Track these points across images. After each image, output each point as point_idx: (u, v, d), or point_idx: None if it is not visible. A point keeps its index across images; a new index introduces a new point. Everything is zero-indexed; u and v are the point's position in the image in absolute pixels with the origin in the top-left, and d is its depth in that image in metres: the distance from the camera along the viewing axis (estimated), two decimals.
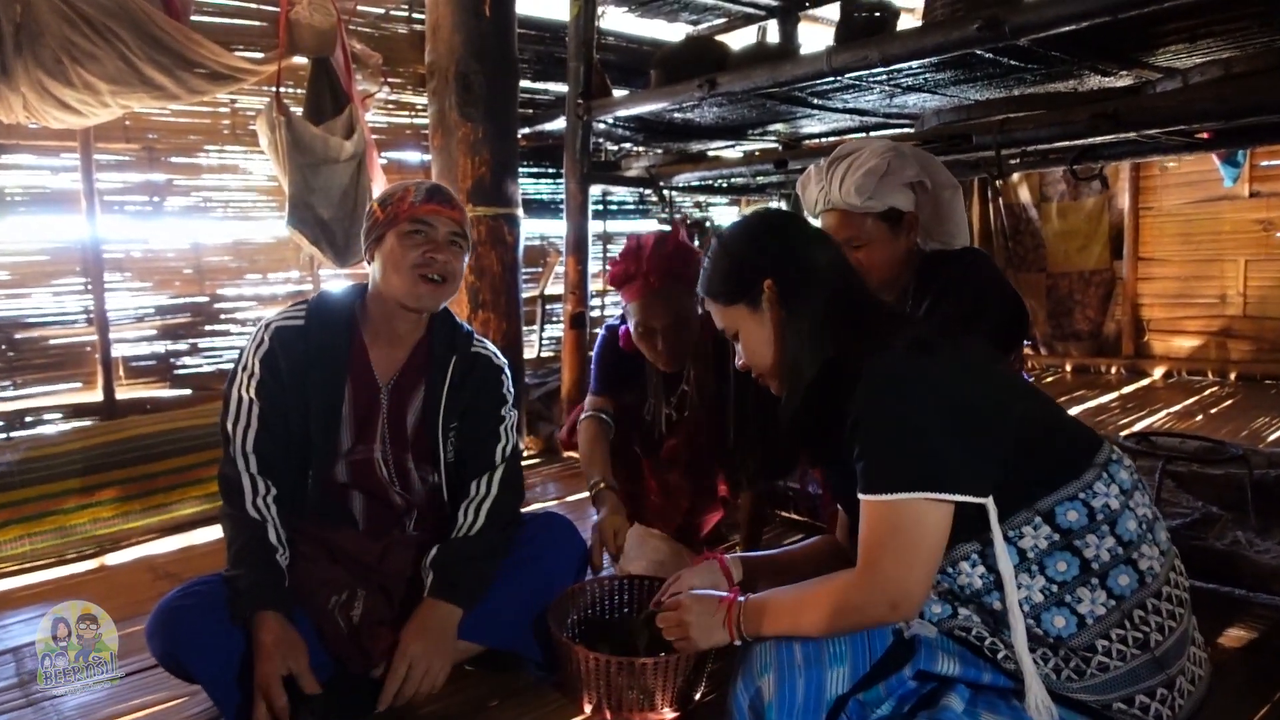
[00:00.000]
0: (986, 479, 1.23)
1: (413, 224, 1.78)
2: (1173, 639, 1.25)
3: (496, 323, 3.77)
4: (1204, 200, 5.85)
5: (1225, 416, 4.78)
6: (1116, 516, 1.25)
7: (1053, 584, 1.24)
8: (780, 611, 1.37)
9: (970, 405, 1.25)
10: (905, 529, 1.22)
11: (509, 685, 1.89)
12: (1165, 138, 2.72)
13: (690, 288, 2.11)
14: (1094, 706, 1.23)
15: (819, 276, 1.42)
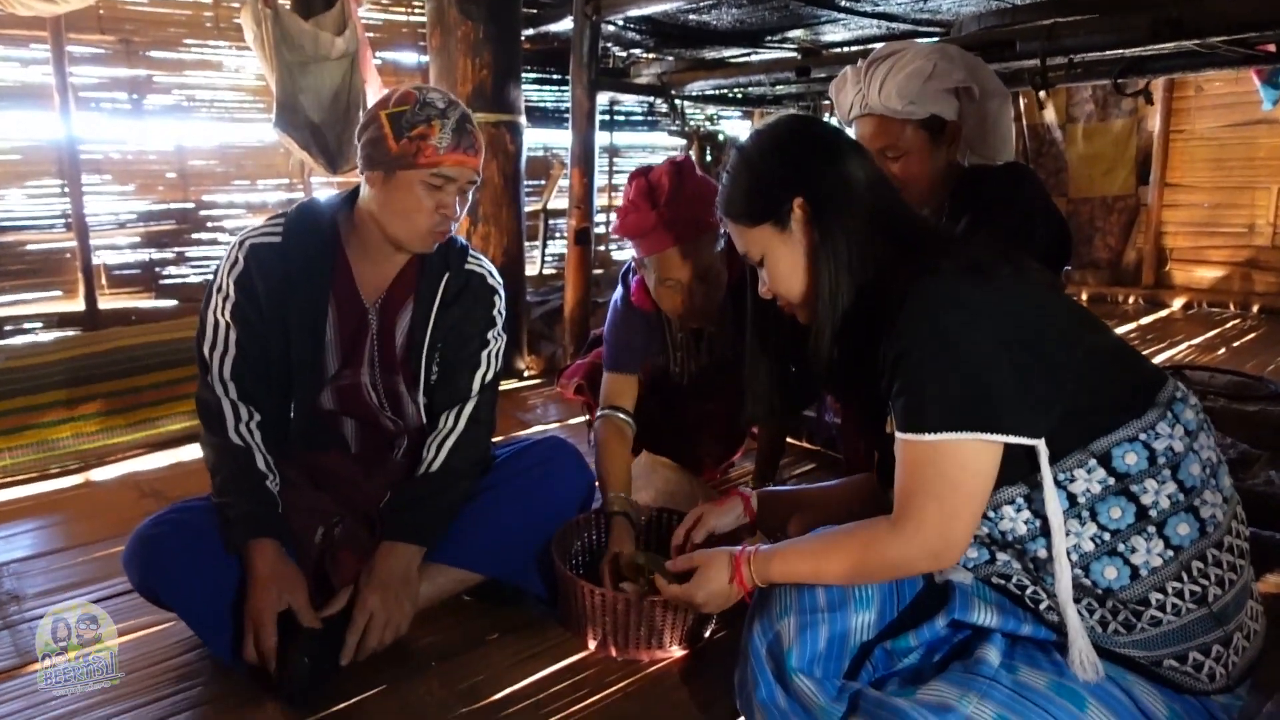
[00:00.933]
0: (1042, 418, 1.10)
1: (435, 176, 1.58)
2: (1232, 593, 1.14)
3: (497, 237, 3.61)
4: (1239, 124, 5.61)
5: (1249, 351, 4.65)
6: (1180, 460, 1.13)
7: (1105, 532, 1.13)
8: (800, 559, 1.28)
9: (1031, 337, 1.12)
10: (950, 473, 1.10)
11: (509, 618, 1.80)
12: (1225, 48, 2.51)
13: (715, 233, 1.94)
14: (1142, 663, 1.14)
15: (856, 192, 1.26)
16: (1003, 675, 1.15)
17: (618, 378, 2.11)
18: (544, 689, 1.58)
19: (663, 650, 1.66)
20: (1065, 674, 1.14)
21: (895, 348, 1.13)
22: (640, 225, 1.90)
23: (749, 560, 1.33)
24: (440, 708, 1.51)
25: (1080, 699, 1.11)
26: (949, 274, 1.14)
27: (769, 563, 1.31)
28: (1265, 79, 4.85)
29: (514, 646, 1.71)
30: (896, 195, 1.31)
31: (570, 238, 3.70)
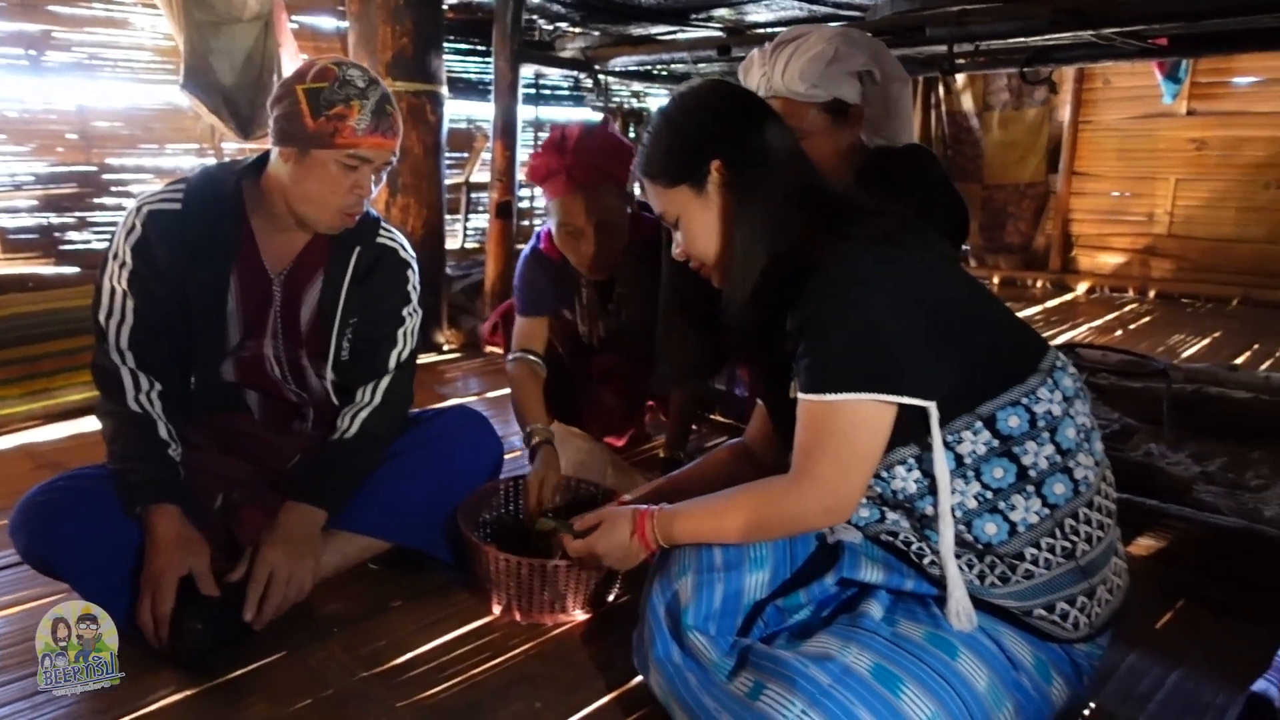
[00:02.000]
0: (937, 382, 1.16)
1: (351, 158, 1.55)
2: (1099, 549, 1.22)
3: (417, 209, 3.57)
4: (1143, 116, 5.86)
5: (1144, 333, 4.89)
6: (1057, 424, 1.20)
7: (988, 490, 1.20)
8: (701, 517, 1.31)
9: (932, 305, 1.17)
10: (846, 431, 1.15)
11: (415, 585, 1.81)
12: (1121, 41, 2.62)
13: (620, 186, 2.04)
14: (1015, 612, 1.21)
15: (774, 160, 1.28)
16: (883, 628, 1.21)
17: (528, 321, 2.21)
18: (447, 652, 1.59)
19: (566, 614, 1.69)
20: (941, 625, 1.21)
21: (803, 312, 1.17)
22: (546, 168, 1.98)
23: (653, 517, 1.35)
24: (341, 671, 1.51)
25: (953, 648, 1.18)
26: (858, 243, 1.17)
27: (672, 520, 1.33)
28: (1166, 73, 5.08)
29: (419, 612, 1.72)
30: (812, 166, 1.33)
31: (492, 211, 3.67)
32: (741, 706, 1.15)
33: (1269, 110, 5.39)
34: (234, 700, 1.43)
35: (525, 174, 2.13)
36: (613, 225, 2.04)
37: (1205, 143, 5.62)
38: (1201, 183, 5.68)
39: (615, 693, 1.48)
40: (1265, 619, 1.71)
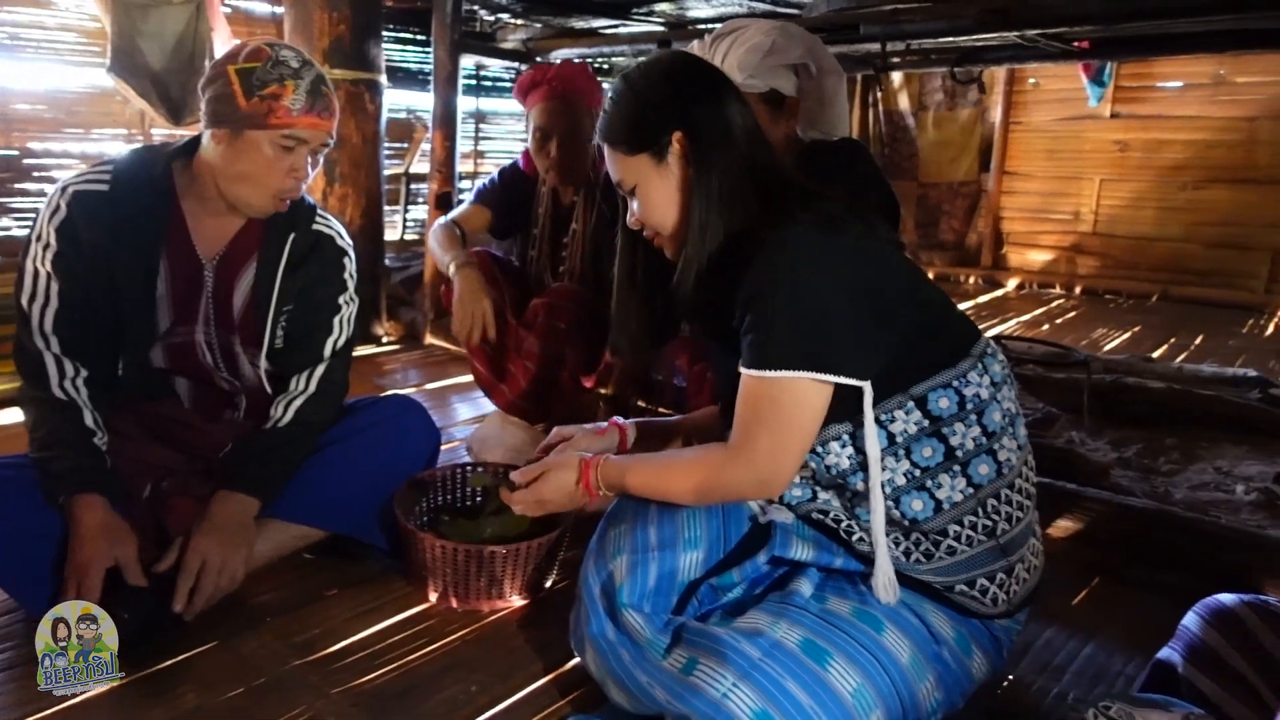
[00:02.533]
0: (873, 363, 1.19)
1: (286, 138, 1.53)
2: (1017, 529, 1.28)
3: (356, 198, 3.52)
4: (1069, 118, 6.06)
5: (1069, 327, 5.06)
6: (985, 407, 1.25)
7: (916, 468, 1.24)
8: (649, 473, 1.32)
9: (873, 288, 1.19)
10: (785, 407, 1.17)
11: (351, 574, 1.79)
12: (1045, 42, 2.72)
13: (592, 108, 2.42)
14: (937, 587, 1.26)
15: (734, 136, 1.28)
16: (812, 604, 1.24)
17: (472, 208, 2.55)
18: (383, 639, 1.59)
19: (503, 600, 1.69)
20: (867, 601, 1.25)
21: (750, 288, 1.18)
22: (530, 80, 2.42)
23: (598, 466, 1.35)
24: (273, 660, 1.50)
25: (879, 622, 1.22)
26: (806, 225, 1.19)
27: (619, 471, 1.34)
28: (1091, 77, 5.26)
29: (354, 601, 1.71)
30: (768, 147, 1.34)
31: (431, 202, 3.64)
32: (675, 681, 1.17)
33: (1187, 114, 5.63)
34: (163, 690, 1.40)
35: (514, 93, 2.55)
36: (580, 137, 2.40)
37: (1128, 145, 5.84)
38: (1124, 183, 5.91)
39: (552, 675, 1.49)
40: (1173, 593, 1.77)
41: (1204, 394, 2.83)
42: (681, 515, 1.38)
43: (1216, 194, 5.57)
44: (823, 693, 1.11)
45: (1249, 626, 1.09)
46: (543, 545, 1.67)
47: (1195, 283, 5.64)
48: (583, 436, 1.54)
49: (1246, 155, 5.41)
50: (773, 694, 1.10)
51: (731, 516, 1.39)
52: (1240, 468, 2.49)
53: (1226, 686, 1.07)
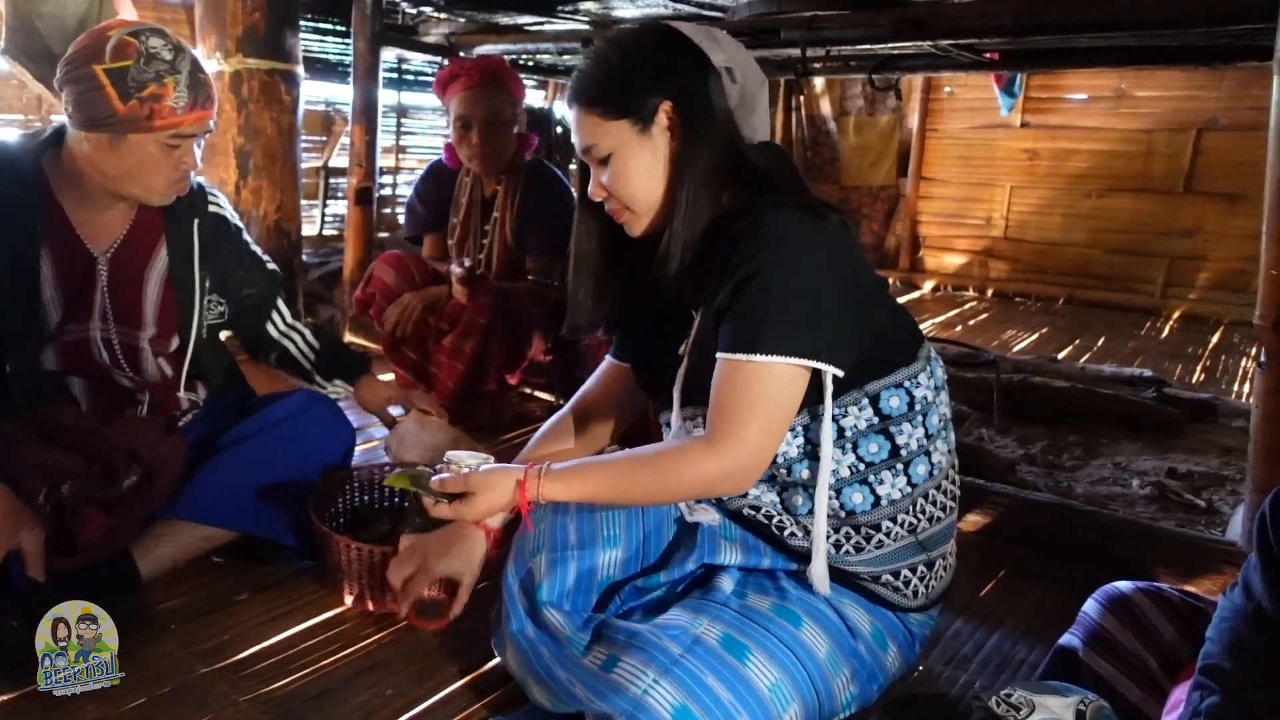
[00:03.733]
0: (851, 355, 1.18)
1: (173, 138, 1.47)
2: (938, 528, 1.31)
3: (271, 192, 3.39)
4: (983, 126, 6.28)
5: (981, 328, 5.25)
6: (928, 409, 1.28)
7: (861, 463, 1.25)
8: (607, 477, 1.22)
9: (856, 280, 1.19)
10: (774, 393, 1.14)
11: (262, 578, 1.74)
12: (958, 53, 2.81)
13: (510, 100, 2.55)
14: (864, 578, 1.28)
15: (720, 115, 1.22)
16: (733, 601, 1.25)
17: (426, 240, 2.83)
18: (295, 644, 1.54)
19: None
20: (787, 598, 1.26)
21: (745, 270, 1.13)
22: (450, 73, 2.52)
23: (539, 476, 1.22)
24: (178, 668, 1.44)
25: (797, 618, 1.23)
26: (796, 211, 1.17)
27: (565, 479, 1.22)
28: (1003, 87, 5.45)
29: (265, 605, 1.66)
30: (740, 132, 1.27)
31: (350, 197, 3.57)
32: (595, 678, 1.16)
33: (1092, 125, 5.88)
34: (61, 703, 1.33)
35: (434, 88, 2.64)
36: (501, 126, 2.51)
37: (1037, 153, 6.08)
38: (1033, 190, 6.14)
39: (470, 676, 1.48)
40: (1075, 584, 1.85)
41: (1104, 393, 2.97)
42: (600, 514, 1.38)
43: (1118, 202, 5.84)
44: (742, 688, 1.12)
45: (1142, 610, 1.15)
46: None
47: (1098, 287, 5.90)
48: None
49: (1144, 166, 5.69)
50: (693, 689, 1.10)
51: (650, 514, 1.39)
52: (1136, 463, 2.61)
53: (1123, 668, 1.13)
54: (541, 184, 2.69)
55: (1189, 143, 5.48)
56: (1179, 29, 2.27)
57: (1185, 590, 1.19)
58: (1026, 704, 1.00)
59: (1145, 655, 1.12)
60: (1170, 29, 2.28)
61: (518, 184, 2.66)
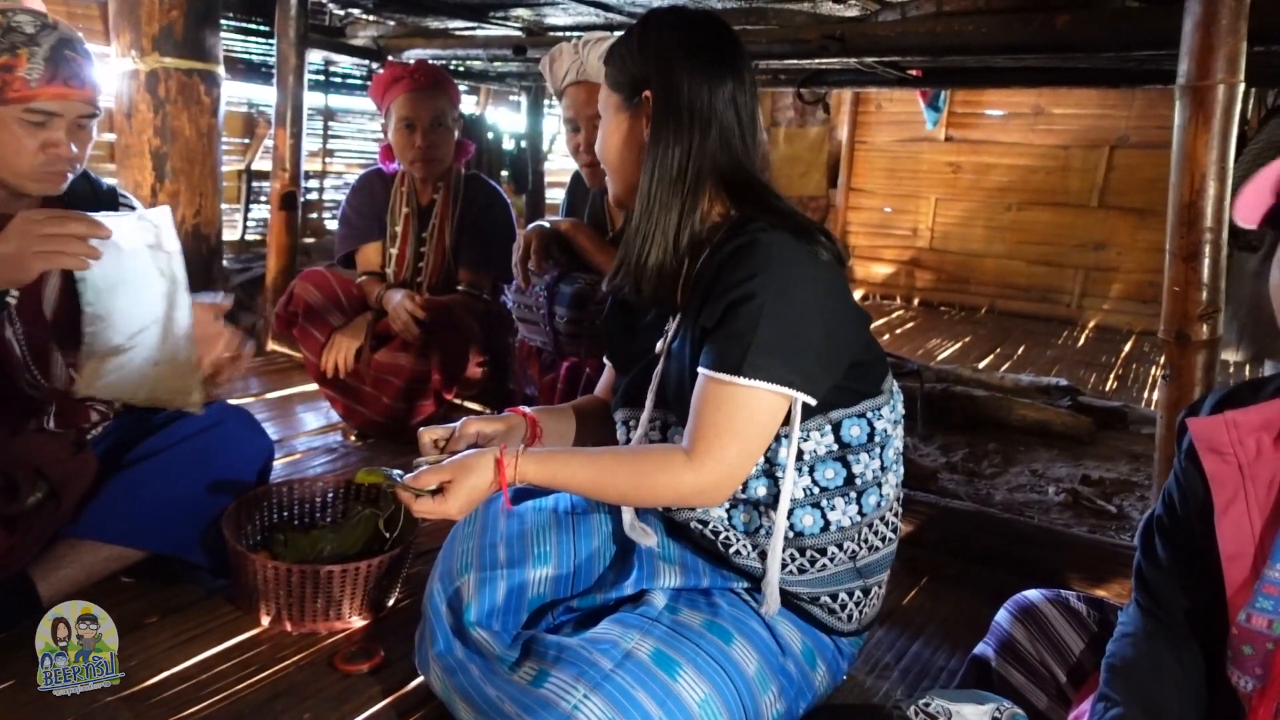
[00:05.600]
0: (826, 384, 1.19)
1: (30, 113, 1.41)
2: (876, 557, 1.32)
3: (189, 196, 3.28)
4: (909, 140, 6.42)
5: (907, 337, 5.36)
6: (886, 442, 1.29)
7: (816, 487, 1.25)
8: (584, 465, 1.19)
9: (842, 313, 1.20)
10: (757, 417, 1.14)
11: (173, 599, 1.68)
12: (882, 69, 2.87)
13: (451, 102, 2.57)
14: (803, 598, 1.28)
15: (709, 122, 1.20)
16: (665, 616, 1.24)
17: (361, 250, 2.73)
18: (208, 669, 1.50)
19: (342, 621, 1.63)
20: (718, 613, 1.26)
21: (739, 292, 1.13)
22: (391, 76, 2.52)
23: (516, 455, 1.18)
24: (79, 698, 1.38)
25: (728, 635, 1.22)
26: (786, 231, 1.16)
27: (546, 464, 1.19)
28: (928, 102, 5.59)
29: (176, 628, 1.60)
30: (751, 147, 1.26)
31: (274, 202, 3.47)
32: (525, 694, 1.15)
33: (1012, 140, 6.07)
34: None
35: (371, 94, 2.64)
36: (443, 128, 2.53)
37: (960, 166, 6.25)
38: (956, 202, 6.31)
39: (392, 697, 1.44)
40: (992, 590, 1.90)
41: (1022, 401, 3.06)
42: (530, 531, 1.37)
43: (1036, 215, 6.03)
44: (671, 703, 1.11)
45: (1049, 620, 1.18)
46: (384, 563, 1.62)
47: (1019, 297, 6.09)
48: (477, 423, 1.35)
49: (1061, 180, 5.89)
50: (623, 705, 1.09)
51: (581, 531, 1.39)
52: (1052, 470, 2.70)
53: (1032, 678, 1.16)
54: (482, 196, 2.70)
55: (1102, 159, 5.69)
56: (1089, 53, 2.36)
57: (1093, 597, 1.22)
58: (944, 712, 1.01)
59: (1053, 665, 1.15)
60: (1080, 53, 2.37)
61: (457, 193, 2.65)
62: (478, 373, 2.67)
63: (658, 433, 1.34)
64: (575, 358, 2.13)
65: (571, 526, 1.40)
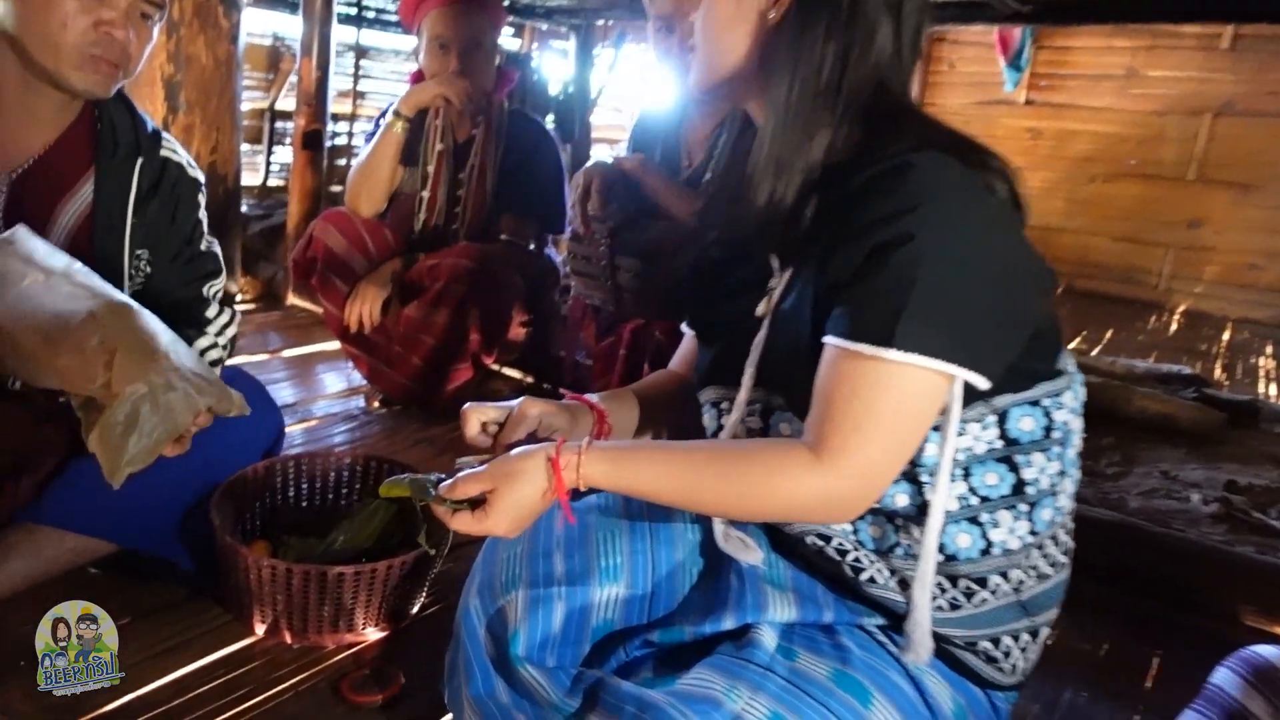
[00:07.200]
0: (1003, 362, 0.89)
1: None
2: (1044, 587, 1.00)
3: (204, 130, 3.00)
4: (984, 102, 6.01)
5: None
6: (1067, 438, 0.97)
7: (974, 496, 0.94)
8: (668, 470, 0.92)
9: (1024, 263, 0.90)
10: (909, 404, 0.85)
11: (149, 598, 1.40)
12: None
13: (491, 23, 2.26)
14: (956, 642, 0.98)
15: (869, 13, 0.94)
16: (778, 664, 0.93)
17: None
18: (185, 691, 1.21)
19: (354, 633, 1.33)
20: (849, 661, 0.95)
21: (888, 232, 0.85)
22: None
23: (579, 453, 0.92)
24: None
25: (865, 692, 0.92)
26: (955, 158, 0.87)
27: (618, 461, 0.92)
28: (1009, 61, 5.16)
29: (150, 636, 1.32)
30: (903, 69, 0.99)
31: (297, 140, 3.18)
32: None
33: (1100, 105, 5.63)
34: None
35: (399, 11, 2.31)
36: (481, 50, 2.21)
37: (1040, 133, 5.82)
38: (1034, 172, 5.87)
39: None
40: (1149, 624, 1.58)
41: (1141, 391, 2.68)
42: (595, 536, 1.08)
43: (1123, 188, 5.59)
44: None
45: None
46: (406, 564, 1.30)
47: (1099, 276, 5.67)
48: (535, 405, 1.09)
49: (1153, 150, 5.44)
50: None
51: (660, 538, 1.09)
52: (1184, 472, 2.33)
53: None
54: (528, 134, 2.37)
55: (1202, 127, 5.23)
56: None
57: None
58: None
59: None
60: None
61: (500, 129, 2.31)
62: (520, 334, 2.35)
63: (757, 419, 1.03)
64: (641, 319, 1.80)
65: (648, 532, 1.10)
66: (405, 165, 2.30)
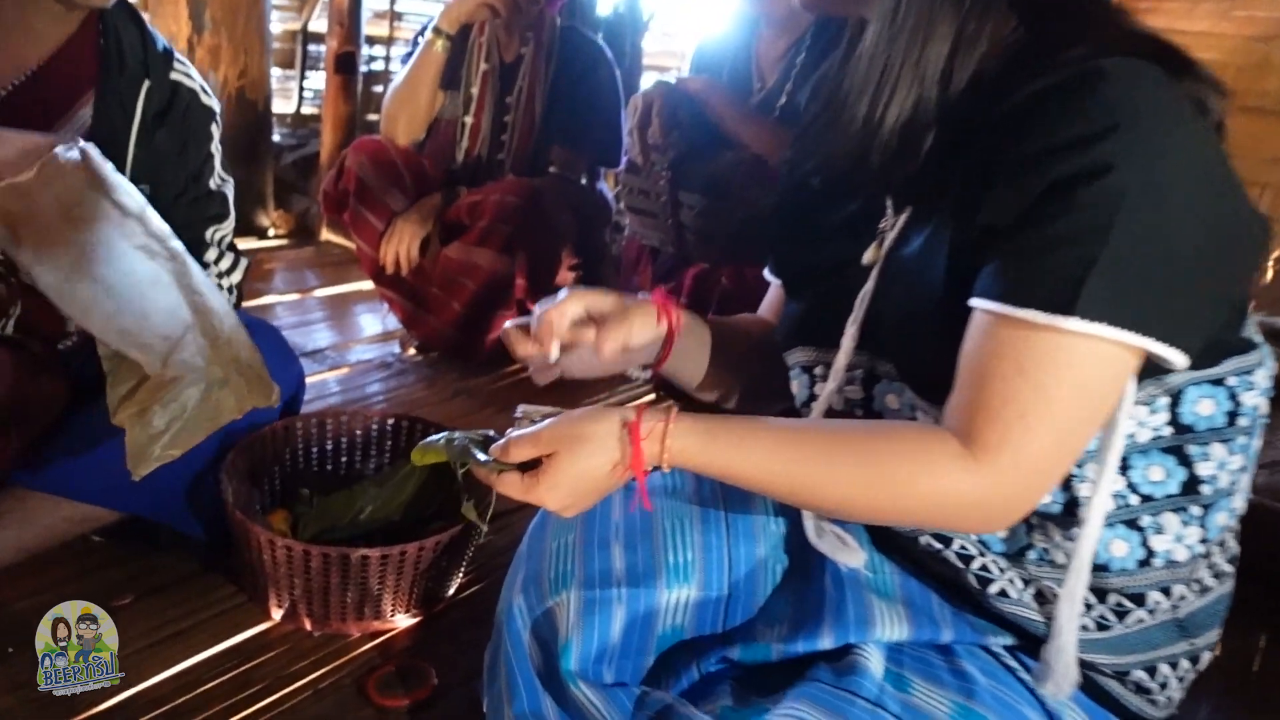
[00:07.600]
0: (1207, 334, 0.71)
1: None
2: (1203, 602, 0.83)
3: (231, 53, 2.83)
4: None
5: None
6: (1254, 426, 0.78)
7: (1134, 494, 0.77)
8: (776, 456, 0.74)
9: (1240, 210, 0.70)
10: (1092, 389, 0.67)
11: (156, 573, 1.26)
12: None
13: None
14: (1104, 670, 0.81)
15: None
16: (889, 697, 0.76)
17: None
18: (192, 685, 1.08)
19: (381, 621, 1.19)
20: (974, 693, 0.77)
21: (1073, 164, 0.67)
22: None
23: (666, 420, 0.75)
24: None
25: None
26: (1153, 66, 0.68)
27: (715, 436, 0.75)
28: None
29: (153, 618, 1.18)
30: None
31: (329, 64, 3.00)
32: None
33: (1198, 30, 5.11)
34: None
35: None
36: None
37: None
38: None
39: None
40: None
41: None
42: (661, 526, 0.91)
43: None
44: None
45: None
46: (441, 543, 1.15)
47: None
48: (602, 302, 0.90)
49: (1256, 80, 5.01)
50: None
51: (739, 530, 0.92)
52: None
53: None
54: (583, 54, 2.15)
55: None
56: None
57: None
58: None
59: None
60: None
61: (551, 49, 2.09)
62: (569, 278, 2.17)
63: (858, 389, 0.86)
64: (706, 263, 1.60)
65: (723, 522, 0.93)
66: (446, 89, 2.10)
